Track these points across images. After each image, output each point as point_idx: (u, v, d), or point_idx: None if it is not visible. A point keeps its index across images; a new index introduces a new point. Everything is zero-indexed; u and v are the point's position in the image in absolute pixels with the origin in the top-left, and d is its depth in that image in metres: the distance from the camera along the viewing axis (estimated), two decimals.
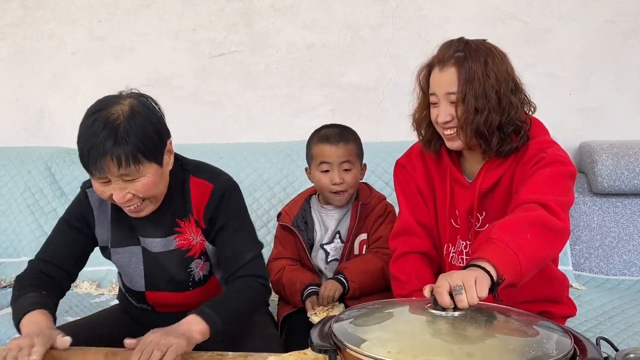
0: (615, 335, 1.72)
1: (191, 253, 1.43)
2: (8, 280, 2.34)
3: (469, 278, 1.02)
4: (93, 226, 1.44)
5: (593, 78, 2.45)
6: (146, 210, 1.34)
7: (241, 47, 2.62)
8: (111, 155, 1.20)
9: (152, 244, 1.43)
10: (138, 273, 1.46)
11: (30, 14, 2.73)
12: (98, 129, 1.21)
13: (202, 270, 1.47)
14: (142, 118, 1.25)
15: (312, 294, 1.69)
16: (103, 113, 1.24)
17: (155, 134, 1.27)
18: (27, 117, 2.79)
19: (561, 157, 1.33)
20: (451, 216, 1.49)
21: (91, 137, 1.22)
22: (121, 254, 1.45)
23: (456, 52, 1.36)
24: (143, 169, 1.25)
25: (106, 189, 1.27)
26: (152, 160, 1.27)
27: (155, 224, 1.41)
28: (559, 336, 0.99)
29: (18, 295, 1.31)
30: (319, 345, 0.99)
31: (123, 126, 1.22)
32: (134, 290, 1.49)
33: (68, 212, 1.46)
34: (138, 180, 1.26)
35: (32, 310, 1.24)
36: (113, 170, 1.22)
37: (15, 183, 2.50)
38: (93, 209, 1.43)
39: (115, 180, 1.25)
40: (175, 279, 1.45)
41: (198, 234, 1.42)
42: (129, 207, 1.31)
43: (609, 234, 2.22)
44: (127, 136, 1.21)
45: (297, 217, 1.82)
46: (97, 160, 1.21)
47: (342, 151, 1.73)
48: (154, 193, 1.32)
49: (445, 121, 1.38)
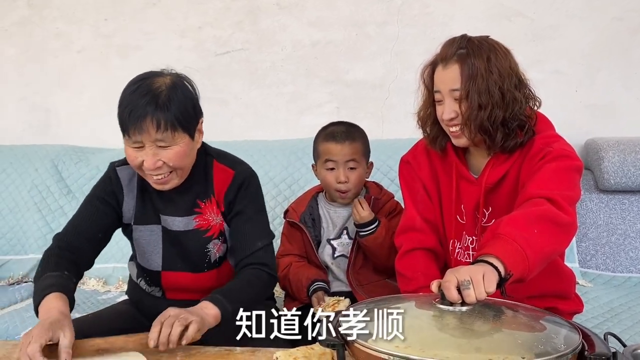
0: (622, 331, 1.71)
1: (210, 233, 1.48)
2: (16, 277, 2.36)
3: (476, 273, 1.02)
4: (122, 203, 1.48)
5: (599, 75, 2.44)
6: (171, 183, 1.39)
7: (247, 45, 2.62)
8: (151, 117, 1.29)
9: (173, 222, 1.47)
10: (157, 252, 1.50)
11: (36, 12, 2.74)
12: (141, 94, 1.31)
13: (219, 252, 1.51)
14: (182, 92, 1.35)
15: (318, 289, 1.70)
16: (147, 82, 1.33)
17: (192, 109, 1.36)
18: (34, 115, 2.81)
19: (567, 151, 1.33)
20: (457, 212, 1.49)
21: (134, 101, 1.30)
22: (142, 231, 1.49)
23: (459, 49, 1.36)
24: (177, 138, 1.33)
25: (139, 154, 1.33)
26: (186, 132, 1.35)
27: (176, 203, 1.47)
28: (567, 331, 0.99)
29: (41, 272, 1.35)
30: (327, 339, 0.99)
31: (165, 94, 1.31)
32: (150, 270, 1.52)
33: (97, 189, 1.51)
34: (171, 148, 1.33)
35: (50, 292, 1.25)
36: (151, 132, 1.29)
37: (23, 181, 2.51)
38: (123, 186, 1.48)
39: (149, 145, 1.32)
40: (192, 258, 1.49)
41: (218, 215, 1.48)
42: (157, 175, 1.36)
43: (616, 231, 2.22)
44: (168, 103, 1.30)
45: (304, 213, 1.82)
46: (137, 121, 1.29)
47: (347, 150, 1.73)
48: (183, 164, 1.38)
49: (450, 118, 1.38)
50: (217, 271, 1.52)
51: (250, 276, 1.41)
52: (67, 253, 1.40)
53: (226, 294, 1.32)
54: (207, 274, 1.51)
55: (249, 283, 1.40)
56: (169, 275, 1.51)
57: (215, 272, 1.52)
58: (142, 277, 1.57)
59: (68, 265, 1.37)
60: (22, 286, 2.28)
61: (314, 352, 1.15)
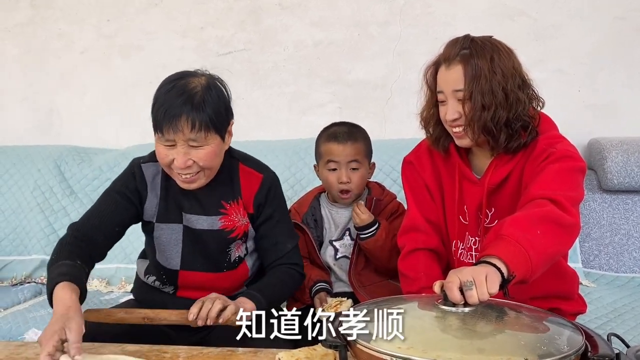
0: (626, 332, 1.70)
1: (234, 234, 1.50)
2: (19, 278, 2.37)
3: (479, 274, 1.02)
4: (144, 200, 1.49)
5: (602, 74, 2.44)
6: (198, 182, 1.41)
7: (249, 45, 2.63)
8: (187, 117, 1.31)
9: (197, 221, 1.49)
10: (176, 251, 1.51)
11: (39, 13, 2.75)
12: (177, 94, 1.33)
13: (238, 251, 1.53)
14: (217, 93, 1.37)
15: (321, 290, 1.70)
16: (182, 82, 1.36)
17: (224, 110, 1.39)
18: (37, 115, 2.81)
19: (571, 152, 1.33)
20: (460, 212, 1.48)
21: (169, 100, 1.33)
22: (164, 229, 1.50)
23: (462, 50, 1.36)
24: (209, 138, 1.35)
25: (170, 152, 1.35)
26: (218, 133, 1.37)
27: (202, 203, 1.48)
28: (570, 332, 0.98)
29: (54, 260, 1.34)
30: (329, 340, 0.99)
31: (200, 95, 1.33)
32: (168, 268, 1.53)
33: (118, 183, 1.51)
34: (202, 147, 1.35)
35: (61, 281, 1.24)
36: (185, 132, 1.31)
37: (26, 181, 2.52)
38: (147, 183, 1.49)
39: (181, 144, 1.34)
40: (212, 258, 1.51)
41: (245, 216, 1.50)
42: (186, 174, 1.38)
43: (619, 231, 2.21)
44: (203, 104, 1.33)
45: (306, 214, 1.82)
46: (172, 120, 1.31)
47: (349, 150, 1.72)
48: (213, 164, 1.40)
49: (453, 119, 1.37)
50: (234, 272, 1.53)
51: (284, 275, 1.49)
52: (82, 243, 1.39)
53: (261, 290, 1.39)
54: (224, 275, 1.52)
55: (282, 281, 1.48)
56: (187, 275, 1.52)
57: (232, 273, 1.53)
58: (155, 275, 1.56)
59: (81, 254, 1.36)
60: (25, 287, 2.29)
61: (316, 353, 1.15)
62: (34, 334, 1.84)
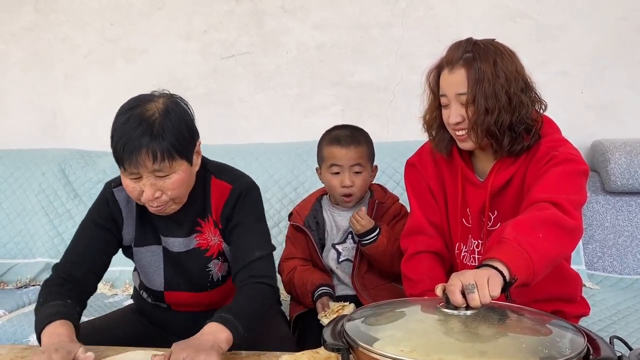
0: (629, 334, 1.70)
1: (209, 253, 1.45)
2: (24, 281, 2.38)
3: (481, 277, 1.02)
4: (121, 226, 1.44)
5: (605, 75, 2.44)
6: (170, 209, 1.35)
7: (252, 48, 2.63)
8: (147, 149, 1.23)
9: (173, 243, 1.45)
10: (158, 272, 1.47)
11: (43, 17, 2.76)
12: (134, 125, 1.24)
13: (220, 271, 1.48)
14: (177, 116, 1.28)
15: (323, 294, 1.69)
16: (138, 110, 1.26)
17: (187, 133, 1.30)
18: (41, 118, 2.83)
19: (573, 155, 1.33)
20: (463, 215, 1.48)
21: (127, 132, 1.24)
22: (143, 253, 1.47)
23: (465, 53, 1.36)
24: (175, 166, 1.28)
25: (137, 185, 1.29)
26: (184, 158, 1.30)
27: (177, 223, 1.43)
28: (572, 335, 0.98)
29: (42, 302, 1.30)
30: (331, 344, 0.99)
31: (159, 122, 1.25)
32: (153, 289, 1.51)
33: (94, 212, 1.45)
34: (169, 177, 1.28)
35: (54, 320, 1.22)
36: (147, 165, 1.24)
37: (30, 185, 2.53)
38: (121, 208, 1.43)
39: (147, 176, 1.27)
40: (194, 279, 1.47)
41: (216, 234, 1.44)
42: (156, 206, 1.32)
43: (623, 232, 2.21)
44: (162, 132, 1.24)
45: (308, 217, 1.81)
46: (132, 155, 1.23)
47: (353, 154, 1.72)
48: (181, 192, 1.34)
49: (456, 122, 1.37)
50: (220, 289, 1.50)
51: (253, 291, 1.33)
52: (68, 284, 1.35)
53: (237, 314, 1.23)
54: (211, 293, 1.49)
55: (252, 298, 1.32)
56: (172, 295, 1.49)
57: (219, 290, 1.50)
58: (146, 292, 1.55)
59: (70, 294, 1.32)
60: (30, 289, 2.30)
61: (319, 356, 1.16)
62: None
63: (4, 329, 1.93)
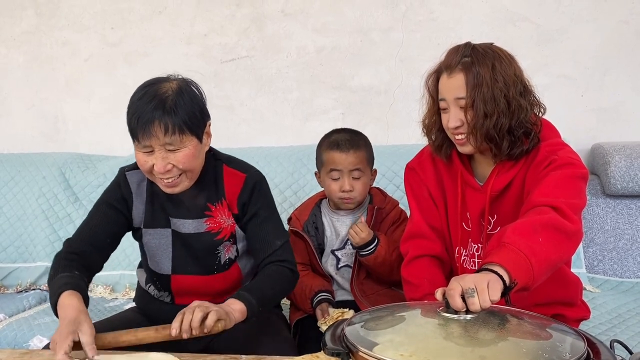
0: (629, 338, 1.70)
1: (221, 236, 1.51)
2: (24, 285, 2.38)
3: (481, 281, 1.02)
4: (131, 207, 1.51)
5: (606, 79, 2.44)
6: (181, 186, 1.41)
7: (252, 52, 2.64)
8: (159, 122, 1.32)
9: (183, 225, 1.50)
10: (166, 255, 1.52)
11: (44, 21, 2.77)
12: (148, 100, 1.34)
13: (228, 253, 1.53)
14: (189, 96, 1.38)
15: (323, 301, 1.69)
16: (153, 88, 1.36)
17: (199, 112, 1.39)
18: (42, 122, 2.83)
19: (573, 159, 1.33)
20: (462, 219, 1.48)
21: (141, 106, 1.34)
22: (152, 234, 1.52)
23: (463, 57, 1.36)
24: (186, 140, 1.36)
25: (149, 158, 1.36)
26: (194, 135, 1.37)
27: (187, 206, 1.49)
28: (572, 339, 0.98)
29: (53, 275, 1.38)
30: (331, 348, 0.99)
31: (172, 99, 1.34)
32: (160, 274, 1.54)
33: (107, 194, 1.53)
34: (180, 150, 1.36)
35: (64, 290, 1.29)
36: (159, 136, 1.32)
37: (30, 189, 2.53)
38: (132, 190, 1.51)
39: (158, 149, 1.35)
40: (202, 261, 1.52)
41: (230, 217, 1.50)
42: (167, 179, 1.38)
43: (623, 236, 2.21)
44: (175, 108, 1.33)
45: (307, 222, 1.81)
46: (145, 127, 1.32)
47: (352, 159, 1.71)
48: (193, 166, 1.40)
49: (456, 126, 1.38)
50: (226, 274, 1.54)
51: (273, 272, 1.45)
52: (76, 257, 1.43)
53: (250, 290, 1.36)
54: (217, 277, 1.53)
55: (271, 279, 1.44)
56: (179, 279, 1.53)
57: (224, 275, 1.54)
58: (151, 282, 1.58)
59: (78, 266, 1.40)
60: (30, 294, 2.30)
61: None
62: (38, 341, 1.85)
63: (4, 333, 1.93)
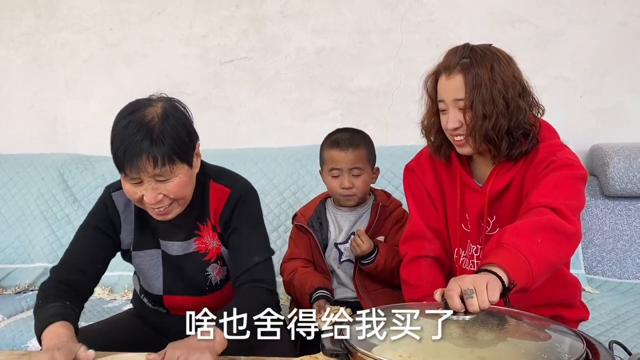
0: (628, 339, 1.70)
1: (208, 257, 1.46)
2: (22, 286, 2.38)
3: (480, 282, 1.02)
4: (119, 229, 1.45)
5: (604, 80, 2.44)
6: (173, 213, 1.35)
7: (251, 53, 2.64)
8: (147, 155, 1.24)
9: (172, 247, 1.45)
10: (157, 277, 1.48)
11: (43, 22, 2.77)
12: (133, 130, 1.25)
13: (219, 275, 1.49)
14: (175, 120, 1.29)
15: (320, 297, 1.69)
16: (137, 115, 1.27)
17: (187, 136, 1.31)
18: (41, 123, 2.83)
19: (572, 160, 1.33)
20: (461, 220, 1.48)
21: (127, 138, 1.25)
22: (142, 257, 1.47)
23: (462, 59, 1.36)
24: (176, 170, 1.29)
25: (138, 189, 1.29)
26: (184, 162, 1.30)
27: (176, 227, 1.44)
28: (571, 340, 0.98)
29: (41, 305, 1.31)
30: (330, 349, 0.99)
31: (158, 127, 1.25)
32: (152, 293, 1.51)
33: (92, 216, 1.46)
34: (170, 180, 1.29)
35: (54, 322, 1.22)
36: (148, 170, 1.25)
37: (29, 190, 2.53)
38: (119, 212, 1.44)
39: (148, 180, 1.28)
40: (192, 283, 1.48)
41: (214, 238, 1.45)
42: (158, 208, 1.32)
43: (622, 237, 2.21)
44: (162, 137, 1.25)
45: (312, 217, 1.84)
46: (132, 160, 1.24)
47: (351, 157, 1.74)
48: (184, 194, 1.34)
49: (454, 127, 1.38)
50: (219, 293, 1.50)
51: (248, 294, 1.35)
52: (65, 286, 1.36)
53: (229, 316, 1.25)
54: (209, 297, 1.49)
55: (248, 300, 1.32)
56: (171, 299, 1.50)
57: (218, 294, 1.50)
58: (145, 296, 1.55)
59: (68, 296, 1.33)
60: (29, 295, 2.29)
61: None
62: (37, 342, 1.85)
63: (3, 334, 1.93)
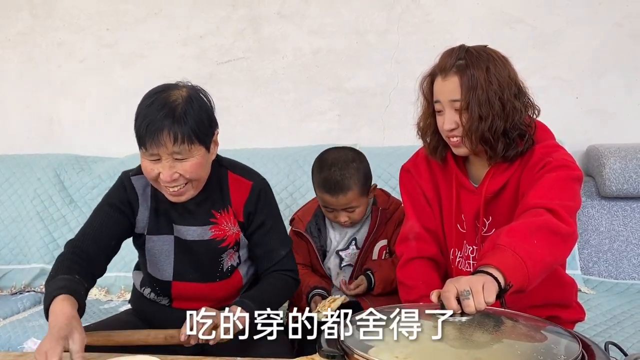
0: (624, 339, 1.71)
1: (225, 243, 1.50)
2: (18, 287, 2.37)
3: (476, 283, 1.02)
4: (136, 212, 1.49)
5: (601, 81, 2.44)
6: (187, 195, 1.40)
7: (248, 54, 2.64)
8: (168, 130, 1.30)
9: (187, 232, 1.49)
10: (168, 262, 1.51)
11: (39, 22, 2.76)
12: (157, 107, 1.32)
13: (231, 260, 1.53)
14: (198, 104, 1.36)
15: (317, 295, 1.69)
16: (163, 95, 1.35)
17: (207, 121, 1.38)
18: (38, 124, 2.82)
19: (567, 161, 1.33)
20: (457, 221, 1.49)
21: (150, 114, 1.32)
22: (155, 241, 1.50)
23: (458, 60, 1.36)
24: (194, 150, 1.34)
25: (155, 166, 1.35)
26: (203, 144, 1.36)
27: (192, 213, 1.48)
28: (567, 341, 0.99)
29: (52, 276, 1.33)
30: (327, 350, 1.00)
31: (182, 107, 1.33)
32: (160, 280, 1.53)
33: (110, 196, 1.51)
34: (187, 160, 1.34)
35: (59, 294, 1.24)
36: (168, 146, 1.31)
37: (25, 190, 2.52)
38: (138, 195, 1.49)
39: (166, 158, 1.33)
40: (204, 268, 1.51)
41: (235, 224, 1.50)
42: (173, 187, 1.37)
43: (618, 237, 2.21)
44: (184, 116, 1.32)
45: (310, 223, 1.82)
46: (154, 135, 1.30)
47: (343, 201, 1.70)
48: (199, 176, 1.39)
49: (450, 128, 1.38)
50: (227, 281, 1.53)
51: (277, 281, 1.48)
52: (79, 259, 1.38)
53: (254, 298, 1.37)
54: (218, 284, 1.52)
55: (275, 287, 1.47)
56: (180, 286, 1.52)
57: (226, 283, 1.53)
58: (150, 287, 1.56)
59: (80, 270, 1.35)
60: (25, 295, 2.29)
61: None
62: (33, 343, 1.85)
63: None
